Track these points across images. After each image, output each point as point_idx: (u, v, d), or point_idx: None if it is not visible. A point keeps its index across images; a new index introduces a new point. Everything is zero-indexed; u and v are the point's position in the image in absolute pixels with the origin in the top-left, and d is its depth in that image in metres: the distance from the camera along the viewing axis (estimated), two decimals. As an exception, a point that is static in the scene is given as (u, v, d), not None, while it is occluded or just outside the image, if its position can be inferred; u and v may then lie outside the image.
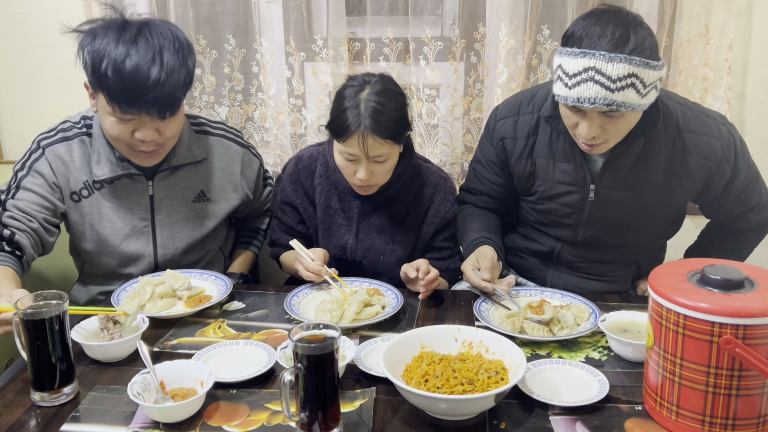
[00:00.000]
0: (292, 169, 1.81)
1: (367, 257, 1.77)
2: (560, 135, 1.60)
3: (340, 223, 1.78)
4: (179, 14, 2.24)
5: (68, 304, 1.20)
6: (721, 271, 1.07)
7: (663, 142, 1.55)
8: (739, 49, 2.18)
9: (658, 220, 1.68)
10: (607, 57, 1.34)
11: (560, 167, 1.63)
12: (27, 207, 1.63)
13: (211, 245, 1.87)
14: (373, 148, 1.56)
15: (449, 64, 2.24)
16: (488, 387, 1.13)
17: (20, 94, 2.41)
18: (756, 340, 1.00)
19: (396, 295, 1.58)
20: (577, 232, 1.69)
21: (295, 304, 1.54)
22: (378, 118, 1.54)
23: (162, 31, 1.52)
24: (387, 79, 1.64)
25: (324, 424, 1.06)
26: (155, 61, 1.47)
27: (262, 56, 2.26)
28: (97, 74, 1.47)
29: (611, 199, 1.61)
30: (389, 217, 1.77)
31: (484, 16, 2.21)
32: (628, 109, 1.38)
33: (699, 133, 1.55)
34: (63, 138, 1.68)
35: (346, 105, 1.57)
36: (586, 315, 1.45)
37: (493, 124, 1.72)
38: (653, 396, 1.12)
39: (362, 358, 1.30)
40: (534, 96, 1.67)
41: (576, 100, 1.39)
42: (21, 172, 1.66)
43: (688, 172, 1.57)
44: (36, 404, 1.18)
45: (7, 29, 2.34)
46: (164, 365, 1.21)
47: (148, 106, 1.49)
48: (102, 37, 1.48)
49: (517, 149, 1.67)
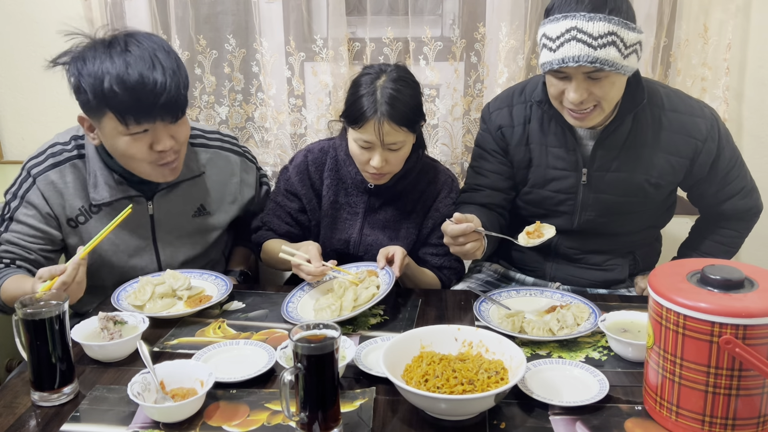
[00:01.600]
0: (301, 159, 1.81)
1: (369, 252, 1.77)
2: (551, 119, 1.65)
3: (345, 218, 1.79)
4: (179, 14, 2.24)
5: (68, 304, 1.21)
6: (721, 271, 1.07)
7: (649, 121, 1.60)
8: (737, 49, 2.19)
9: (650, 204, 1.70)
10: (588, 17, 1.41)
11: (553, 152, 1.67)
12: (22, 240, 1.62)
13: (214, 254, 1.87)
14: (389, 134, 1.58)
15: (449, 64, 2.24)
16: (488, 387, 1.13)
17: (20, 94, 2.41)
18: (756, 340, 1.00)
19: (387, 272, 1.58)
20: (572, 219, 1.70)
21: (292, 310, 1.53)
22: (394, 104, 1.57)
23: (146, 39, 1.50)
24: (402, 68, 1.67)
25: (324, 424, 1.06)
26: (155, 66, 1.46)
27: (262, 56, 2.26)
28: (102, 94, 1.44)
29: (603, 181, 1.65)
30: (394, 214, 1.78)
31: (484, 16, 2.21)
32: (611, 68, 1.42)
33: (684, 112, 1.61)
34: (54, 164, 1.63)
35: (362, 92, 1.59)
36: (586, 315, 1.45)
37: (488, 115, 1.76)
38: (653, 396, 1.12)
39: (362, 358, 1.30)
40: (524, 87, 1.73)
41: (561, 61, 1.44)
42: (13, 203, 1.63)
43: (676, 149, 1.61)
44: (36, 404, 1.18)
45: (7, 29, 2.34)
46: (164, 365, 1.21)
47: (161, 111, 1.47)
48: (93, 58, 1.45)
49: (515, 136, 1.71)
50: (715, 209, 1.75)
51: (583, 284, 1.78)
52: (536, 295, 1.59)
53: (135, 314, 1.41)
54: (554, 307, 1.51)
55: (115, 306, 1.50)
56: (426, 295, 1.64)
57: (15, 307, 1.18)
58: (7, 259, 1.61)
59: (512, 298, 1.58)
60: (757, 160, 2.25)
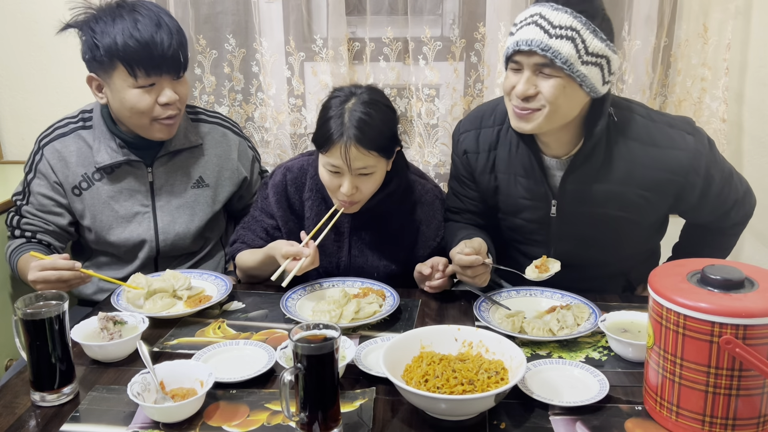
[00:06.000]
0: (280, 179, 1.72)
1: (361, 275, 1.70)
2: (518, 148, 1.57)
3: (331, 239, 1.70)
4: (179, 14, 2.25)
5: (68, 304, 1.21)
6: (721, 271, 1.07)
7: (624, 155, 1.50)
8: (737, 50, 2.19)
9: (635, 234, 1.61)
10: (554, 7, 1.37)
11: (521, 182, 1.59)
12: (39, 211, 1.74)
13: (210, 234, 1.89)
14: (357, 159, 1.50)
15: (449, 64, 2.24)
16: (488, 387, 1.13)
17: (20, 94, 2.41)
18: (756, 340, 1.00)
19: (391, 293, 1.58)
20: (548, 249, 1.63)
21: (291, 305, 1.54)
22: (362, 128, 1.49)
23: (151, 6, 1.65)
24: (375, 90, 1.59)
25: (324, 424, 1.06)
26: (160, 25, 1.60)
27: (262, 56, 2.26)
28: (114, 48, 1.57)
29: (575, 215, 1.56)
30: (381, 233, 1.70)
31: (484, 15, 2.21)
32: (563, 65, 1.35)
33: (663, 146, 1.50)
34: (60, 134, 1.75)
35: (330, 115, 1.52)
36: (586, 315, 1.45)
37: (457, 137, 1.69)
38: (653, 396, 1.12)
39: (362, 358, 1.30)
40: (495, 108, 1.64)
41: (515, 44, 1.38)
42: (29, 175, 1.76)
43: (655, 186, 1.51)
44: (36, 404, 1.18)
45: (7, 29, 2.34)
46: (164, 365, 1.21)
47: (167, 65, 1.61)
48: (105, 18, 1.60)
49: (480, 163, 1.64)
50: (712, 226, 1.69)
51: None
52: (536, 295, 1.59)
53: (135, 314, 1.41)
54: (554, 307, 1.51)
55: (115, 306, 1.50)
56: (426, 295, 1.64)
57: (15, 306, 1.18)
58: (29, 232, 1.74)
59: (512, 298, 1.58)
60: (757, 160, 2.25)
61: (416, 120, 2.27)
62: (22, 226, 1.74)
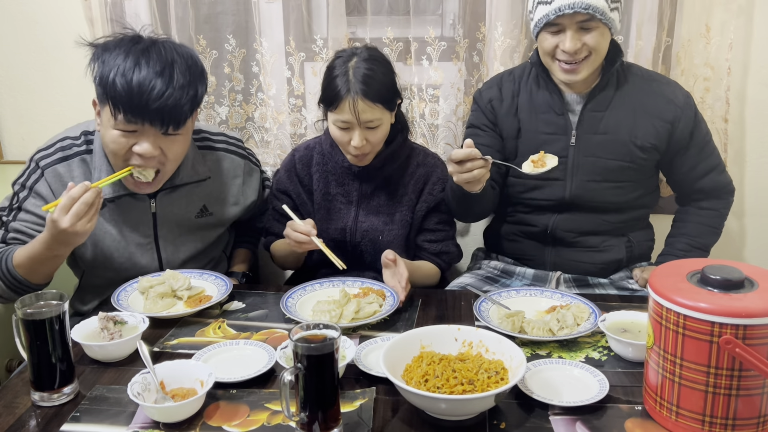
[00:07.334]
0: (289, 159, 1.89)
1: (366, 238, 1.81)
2: (540, 90, 1.80)
3: (339, 207, 1.83)
4: (179, 14, 2.24)
5: (68, 304, 1.21)
6: (721, 271, 1.07)
7: (631, 88, 1.77)
8: (739, 49, 2.18)
9: (637, 172, 1.78)
10: None
11: (542, 118, 1.79)
12: (29, 229, 1.62)
13: (214, 252, 1.88)
14: (365, 112, 1.63)
15: (453, 63, 2.24)
16: (488, 387, 1.13)
17: (20, 94, 2.41)
18: (756, 340, 1.00)
19: (391, 293, 1.58)
20: (565, 186, 1.78)
21: (291, 305, 1.54)
22: (367, 82, 1.62)
23: (178, 50, 1.54)
24: (373, 48, 1.74)
25: (324, 424, 1.06)
26: (163, 74, 1.48)
27: (262, 56, 2.26)
28: (105, 83, 1.49)
29: (592, 143, 1.76)
30: (387, 197, 1.82)
31: (485, 15, 2.21)
32: (602, 17, 1.60)
33: (662, 81, 1.81)
34: (62, 158, 1.65)
35: (335, 74, 1.65)
36: (586, 315, 1.45)
37: (479, 93, 1.89)
38: (653, 396, 1.12)
39: (362, 358, 1.30)
40: (513, 70, 1.89)
41: (558, 10, 1.61)
42: (22, 193, 1.65)
43: (658, 112, 1.76)
44: (36, 404, 1.19)
45: (7, 29, 2.34)
46: (164, 365, 1.21)
47: (151, 115, 1.48)
48: (114, 49, 1.51)
49: (504, 107, 1.83)
50: (694, 185, 1.83)
51: (583, 270, 1.82)
52: (536, 295, 1.59)
53: (135, 314, 1.41)
54: (554, 307, 1.51)
55: (115, 306, 1.50)
56: (426, 295, 1.65)
57: (16, 306, 1.18)
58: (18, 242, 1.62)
59: (512, 298, 1.58)
60: (758, 160, 2.24)
61: (419, 120, 2.27)
62: (8, 240, 1.63)
